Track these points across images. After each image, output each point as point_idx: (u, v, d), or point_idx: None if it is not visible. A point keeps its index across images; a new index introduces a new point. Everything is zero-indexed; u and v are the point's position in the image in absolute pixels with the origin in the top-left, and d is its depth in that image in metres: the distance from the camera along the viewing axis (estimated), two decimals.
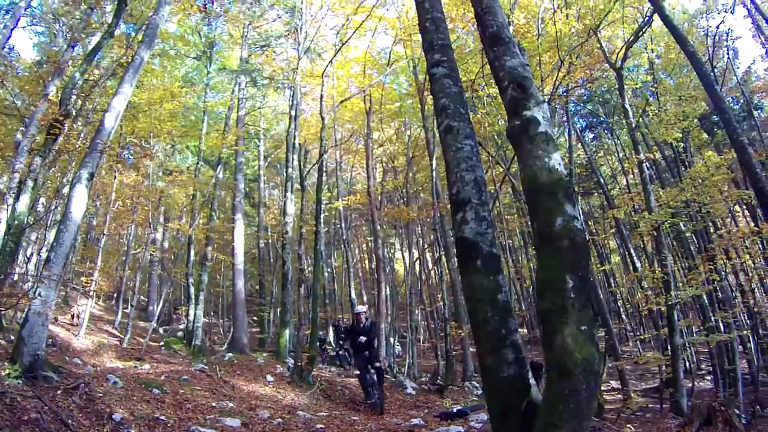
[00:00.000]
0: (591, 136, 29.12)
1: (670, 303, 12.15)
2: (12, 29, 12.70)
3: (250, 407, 10.20)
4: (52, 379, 8.00)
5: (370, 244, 35.26)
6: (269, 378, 14.04)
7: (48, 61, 13.14)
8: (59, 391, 7.55)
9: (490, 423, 4.87)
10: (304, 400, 12.22)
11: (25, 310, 8.49)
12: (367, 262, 41.10)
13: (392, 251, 37.43)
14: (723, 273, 16.50)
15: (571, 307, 4.00)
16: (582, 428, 3.78)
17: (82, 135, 13.90)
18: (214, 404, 9.70)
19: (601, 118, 26.17)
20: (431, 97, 6.34)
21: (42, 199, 14.51)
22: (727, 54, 14.58)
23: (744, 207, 22.27)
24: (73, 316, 17.09)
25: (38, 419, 6.35)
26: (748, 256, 15.60)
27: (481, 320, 4.71)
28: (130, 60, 11.96)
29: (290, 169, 19.81)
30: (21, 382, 7.44)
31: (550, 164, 4.55)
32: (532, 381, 4.51)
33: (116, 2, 10.18)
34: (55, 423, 6.47)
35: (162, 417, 7.89)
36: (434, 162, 20.17)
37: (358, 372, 12.94)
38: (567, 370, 3.83)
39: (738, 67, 20.66)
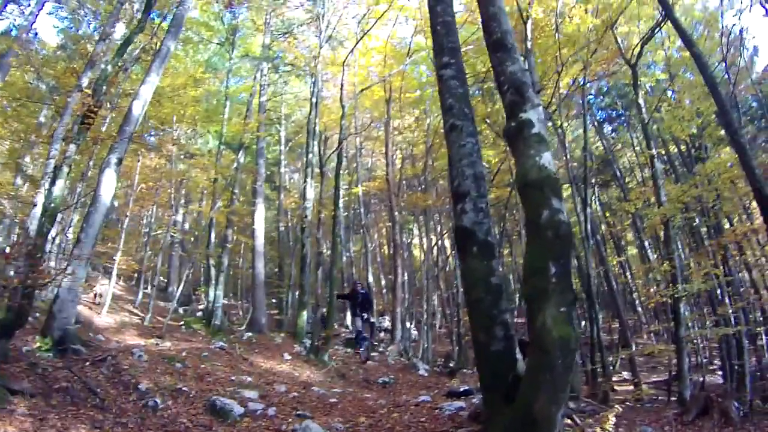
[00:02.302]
0: (610, 128, 29.09)
1: (676, 296, 12.36)
2: (36, 15, 13.18)
3: (268, 382, 10.70)
4: (80, 351, 8.53)
5: (389, 229, 35.62)
6: (286, 356, 14.54)
7: (71, 46, 13.51)
8: (88, 363, 8.06)
9: (481, 392, 5.33)
10: (319, 378, 12.71)
11: (57, 287, 9.01)
12: (386, 247, 41.41)
13: (411, 237, 37.72)
14: (735, 269, 16.54)
15: (552, 291, 4.47)
16: (558, 399, 4.24)
17: (107, 120, 14.37)
18: (233, 378, 10.20)
19: (619, 112, 26.17)
20: None
21: (66, 183, 14.97)
22: (741, 52, 14.52)
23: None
24: (95, 295, 17.59)
25: (68, 388, 6.86)
26: (758, 253, 15.65)
27: (475, 300, 5.24)
28: (155, 47, 12.43)
29: (310, 155, 20.19)
30: (52, 354, 7.98)
31: (540, 163, 4.99)
32: (519, 356, 4.97)
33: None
34: (84, 391, 6.96)
35: (184, 388, 8.39)
36: None
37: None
38: (545, 347, 4.30)
39: (755, 65, 20.51)
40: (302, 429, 6.80)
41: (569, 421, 6.62)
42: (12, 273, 7.09)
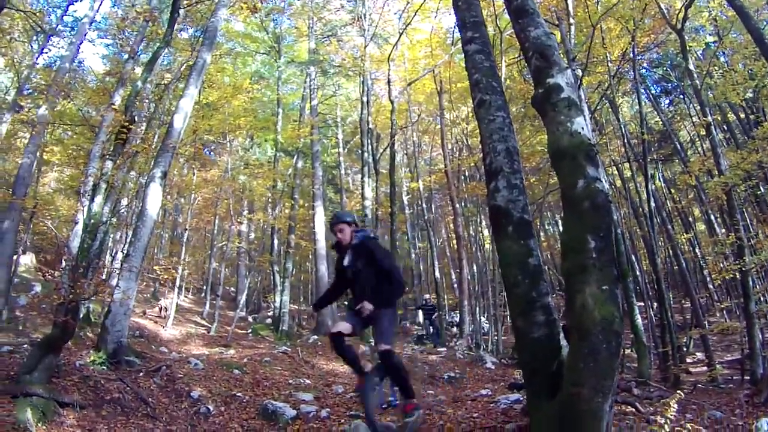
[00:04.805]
0: (667, 101, 27.93)
1: (744, 269, 11.62)
2: (79, 44, 13.60)
3: (326, 384, 10.61)
4: (134, 363, 8.67)
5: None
6: None
7: (112, 73, 13.98)
8: (141, 374, 8.18)
9: (523, 382, 4.99)
10: None
11: (108, 302, 9.22)
12: (454, 241, 40.97)
13: (480, 229, 37.21)
14: None
15: (592, 267, 4.03)
16: (603, 387, 3.77)
17: (156, 137, 14.66)
18: (291, 381, 10.18)
19: (674, 83, 25.02)
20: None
21: (124, 200, 15.35)
22: None
23: None
24: (160, 309, 18.02)
25: (119, 398, 6.95)
26: None
27: (512, 284, 4.82)
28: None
29: (366, 154, 20.15)
30: (105, 367, 8.12)
31: (572, 128, 4.58)
32: (563, 343, 4.58)
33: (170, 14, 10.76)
34: (136, 401, 7.05)
35: (238, 394, 8.42)
36: None
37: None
38: (586, 329, 3.86)
39: None
40: (352, 429, 6.68)
41: (632, 409, 6.23)
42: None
